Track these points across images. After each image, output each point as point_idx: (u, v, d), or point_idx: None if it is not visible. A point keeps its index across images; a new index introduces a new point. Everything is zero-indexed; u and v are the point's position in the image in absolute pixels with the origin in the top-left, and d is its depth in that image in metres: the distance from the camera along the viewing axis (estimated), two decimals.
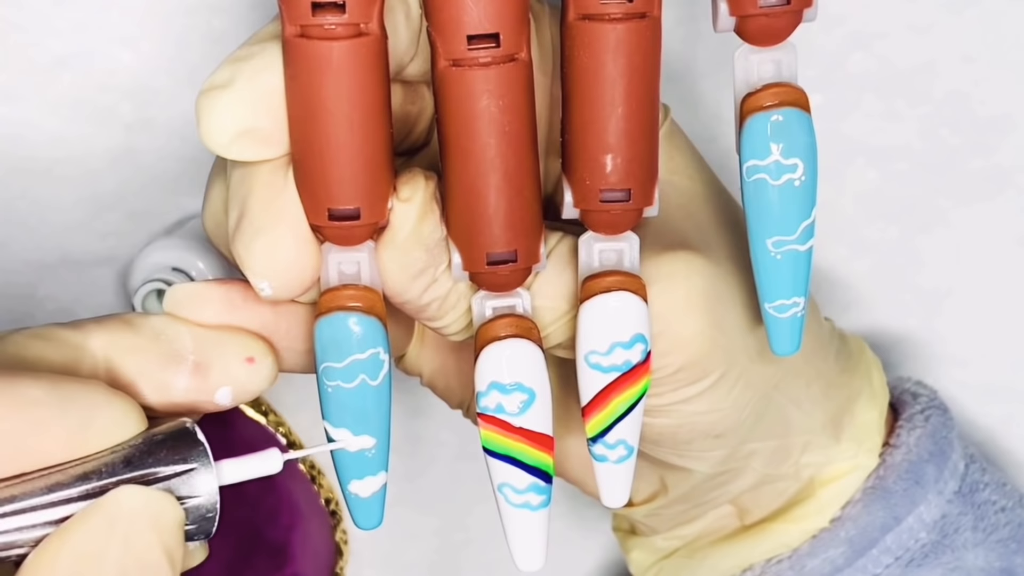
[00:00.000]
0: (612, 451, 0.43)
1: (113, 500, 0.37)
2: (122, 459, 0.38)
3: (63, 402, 0.38)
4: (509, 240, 0.40)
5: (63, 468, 0.37)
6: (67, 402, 0.38)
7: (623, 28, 0.39)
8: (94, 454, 0.38)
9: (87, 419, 0.38)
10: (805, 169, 0.41)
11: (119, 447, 0.38)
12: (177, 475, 0.38)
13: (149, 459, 0.38)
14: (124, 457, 0.38)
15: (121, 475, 0.38)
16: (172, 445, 0.38)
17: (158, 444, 0.38)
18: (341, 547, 0.59)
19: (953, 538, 0.50)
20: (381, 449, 0.42)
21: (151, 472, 0.38)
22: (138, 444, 0.38)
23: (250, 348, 0.41)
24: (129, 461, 0.38)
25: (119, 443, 0.38)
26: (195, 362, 0.41)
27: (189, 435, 0.38)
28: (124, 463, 0.38)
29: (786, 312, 0.43)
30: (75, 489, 0.37)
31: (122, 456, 0.38)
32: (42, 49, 0.50)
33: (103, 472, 0.38)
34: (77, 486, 0.37)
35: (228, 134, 0.39)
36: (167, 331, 0.41)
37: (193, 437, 0.38)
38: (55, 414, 0.37)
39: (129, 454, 0.38)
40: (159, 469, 0.38)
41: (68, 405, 0.38)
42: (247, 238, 0.40)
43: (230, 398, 0.41)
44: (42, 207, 0.53)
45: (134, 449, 0.38)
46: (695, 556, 0.52)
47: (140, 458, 0.38)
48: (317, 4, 0.37)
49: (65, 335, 0.40)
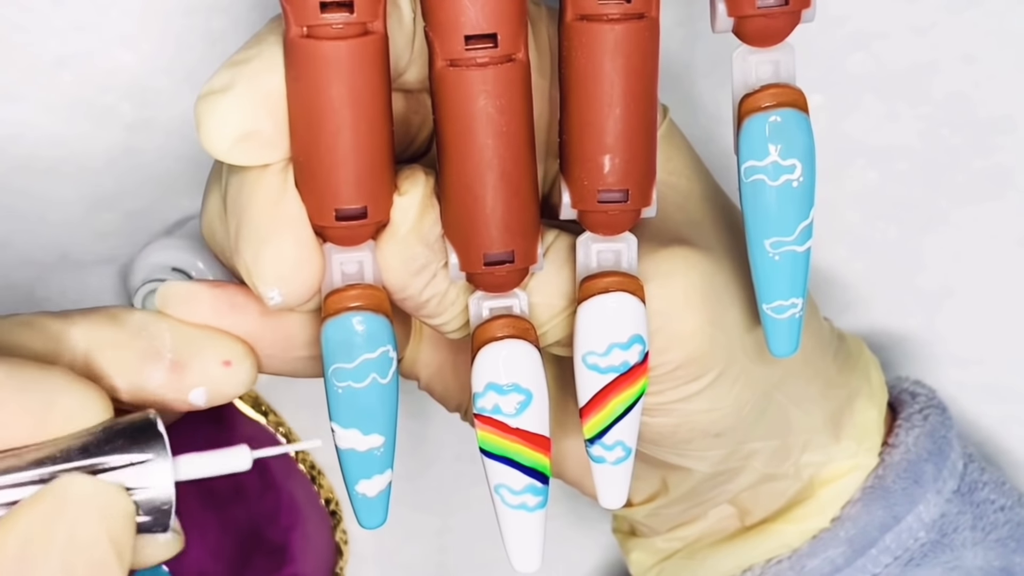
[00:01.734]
0: (610, 452, 0.43)
1: (60, 487, 0.37)
2: (79, 446, 0.38)
3: (24, 385, 0.38)
4: (506, 241, 0.40)
5: (19, 452, 0.38)
6: (28, 385, 0.38)
7: (621, 29, 0.39)
8: (52, 440, 0.38)
9: (47, 403, 0.38)
10: (803, 170, 0.41)
11: (78, 434, 0.38)
12: (131, 465, 0.38)
13: (106, 447, 0.38)
14: (81, 444, 0.38)
15: (76, 462, 0.38)
16: (131, 435, 0.38)
17: (117, 433, 0.38)
18: (341, 547, 0.59)
19: (952, 537, 0.50)
20: (389, 447, 0.42)
21: (105, 461, 0.38)
22: (97, 432, 0.38)
23: (229, 351, 0.41)
24: (86, 449, 0.38)
25: (79, 431, 0.38)
26: (172, 360, 0.41)
27: (150, 426, 0.38)
28: (80, 450, 0.38)
29: (784, 313, 0.43)
30: (29, 473, 0.37)
31: (79, 443, 0.38)
32: (42, 49, 0.50)
33: (58, 458, 0.38)
34: (31, 470, 0.37)
35: (229, 138, 0.39)
36: (149, 327, 0.41)
37: (154, 429, 0.38)
38: (15, 396, 0.38)
39: (87, 442, 0.38)
40: (114, 458, 0.38)
41: (28, 388, 0.38)
42: (253, 247, 0.40)
43: (204, 399, 0.41)
44: (42, 207, 0.53)
45: (92, 437, 0.38)
46: (695, 557, 0.51)
47: (97, 446, 0.38)
48: (325, 3, 0.37)
49: (49, 324, 0.40)
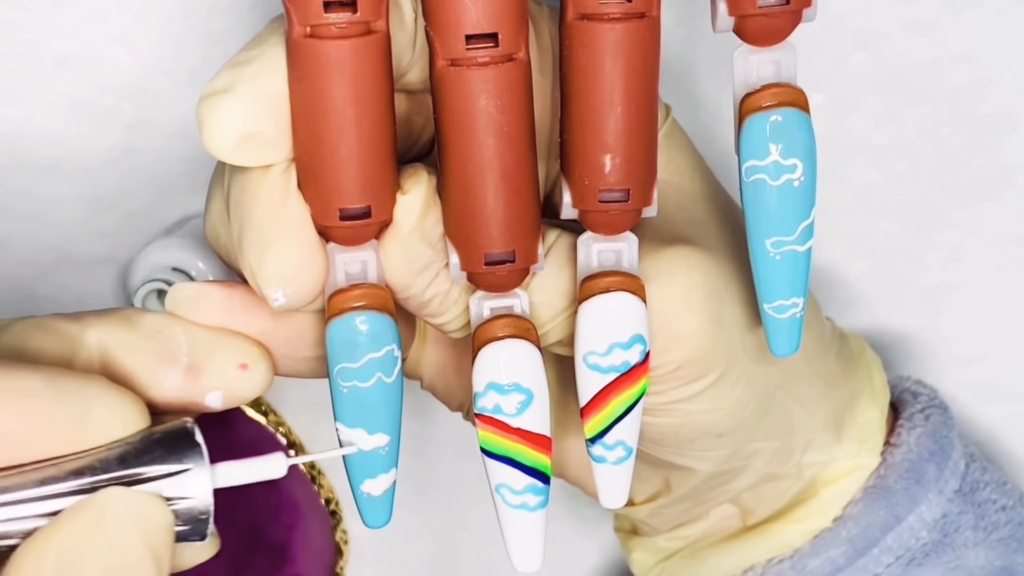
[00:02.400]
0: (611, 452, 0.43)
1: (101, 500, 0.37)
2: (117, 456, 0.38)
3: (60, 395, 0.37)
4: (507, 240, 0.40)
5: (57, 462, 0.37)
6: (64, 395, 0.38)
7: (622, 28, 0.39)
8: (90, 449, 0.38)
9: (84, 412, 0.38)
10: (804, 169, 0.41)
11: (116, 444, 0.38)
12: (171, 475, 0.38)
13: (144, 457, 0.38)
14: (119, 454, 0.38)
15: (114, 472, 0.38)
16: (169, 445, 0.38)
17: (155, 443, 0.38)
18: (341, 547, 0.59)
19: (954, 537, 0.50)
20: (394, 446, 0.42)
21: (145, 471, 0.38)
22: (135, 442, 0.38)
23: (245, 354, 0.41)
24: (124, 459, 0.38)
25: (117, 439, 0.38)
26: (188, 363, 0.40)
27: (187, 435, 0.38)
28: (118, 460, 0.38)
29: (785, 313, 0.43)
30: (68, 484, 0.37)
31: (117, 453, 0.38)
32: (42, 49, 0.50)
33: (96, 468, 0.38)
34: (70, 481, 0.37)
35: (231, 139, 0.39)
36: (164, 330, 0.41)
37: (191, 438, 0.38)
38: (52, 406, 0.37)
39: (124, 452, 0.38)
40: (153, 468, 0.38)
41: (65, 398, 0.38)
42: (257, 249, 0.40)
43: (220, 402, 0.41)
44: (42, 207, 0.53)
45: (130, 447, 0.38)
46: (697, 556, 0.51)
47: (135, 456, 0.38)
48: (328, 3, 0.37)
49: (64, 327, 0.40)
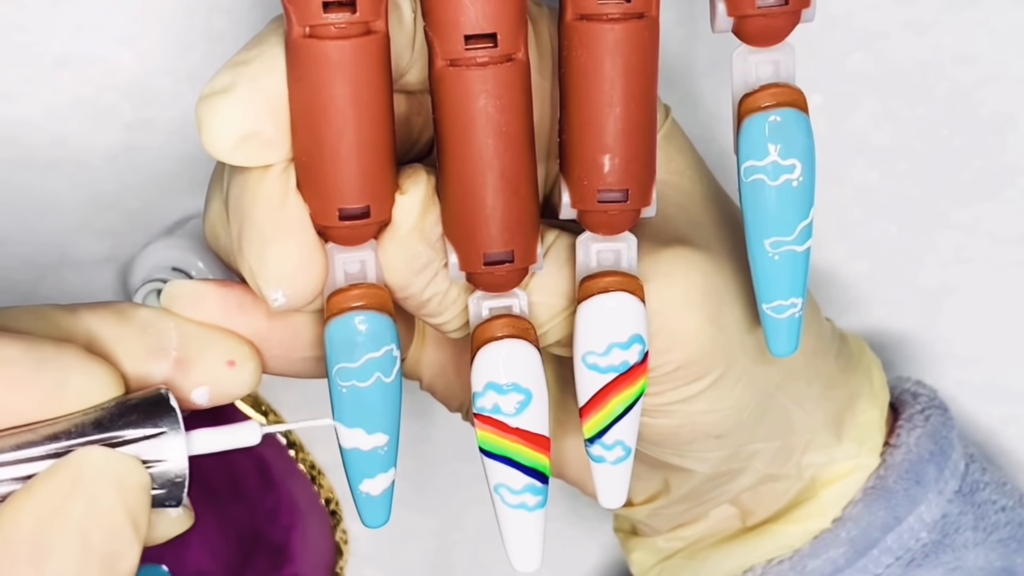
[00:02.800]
0: (610, 452, 0.43)
1: (76, 460, 0.38)
2: (92, 421, 0.38)
3: (38, 362, 0.38)
4: (506, 240, 0.40)
5: (33, 427, 0.38)
6: (42, 362, 0.38)
7: (621, 28, 0.39)
8: (66, 415, 0.38)
9: (61, 380, 0.38)
10: (803, 170, 0.41)
11: (91, 409, 0.38)
12: (146, 438, 0.38)
13: (119, 422, 0.38)
14: (95, 419, 0.38)
15: (90, 436, 0.38)
16: (144, 410, 0.38)
17: (130, 408, 0.38)
18: (341, 547, 0.59)
19: (954, 538, 0.50)
20: (393, 446, 0.42)
21: (120, 435, 0.38)
22: (110, 407, 0.38)
23: (234, 351, 0.41)
24: (99, 423, 0.38)
25: (92, 406, 0.38)
26: (177, 358, 0.41)
27: (162, 401, 0.39)
28: (94, 425, 0.38)
29: (784, 313, 0.43)
30: (43, 448, 0.38)
31: (93, 418, 0.38)
32: (42, 49, 0.50)
33: (72, 432, 0.38)
34: (45, 445, 0.38)
35: (231, 139, 0.39)
36: (155, 324, 0.41)
37: (166, 403, 0.39)
38: (30, 373, 0.38)
39: (100, 416, 0.38)
40: (128, 432, 0.38)
41: (43, 365, 0.38)
42: (257, 249, 0.40)
43: (207, 398, 0.41)
44: (42, 207, 0.53)
45: (106, 412, 0.38)
46: (696, 557, 0.51)
47: (110, 421, 0.38)
48: (327, 3, 0.37)
49: (56, 315, 0.40)
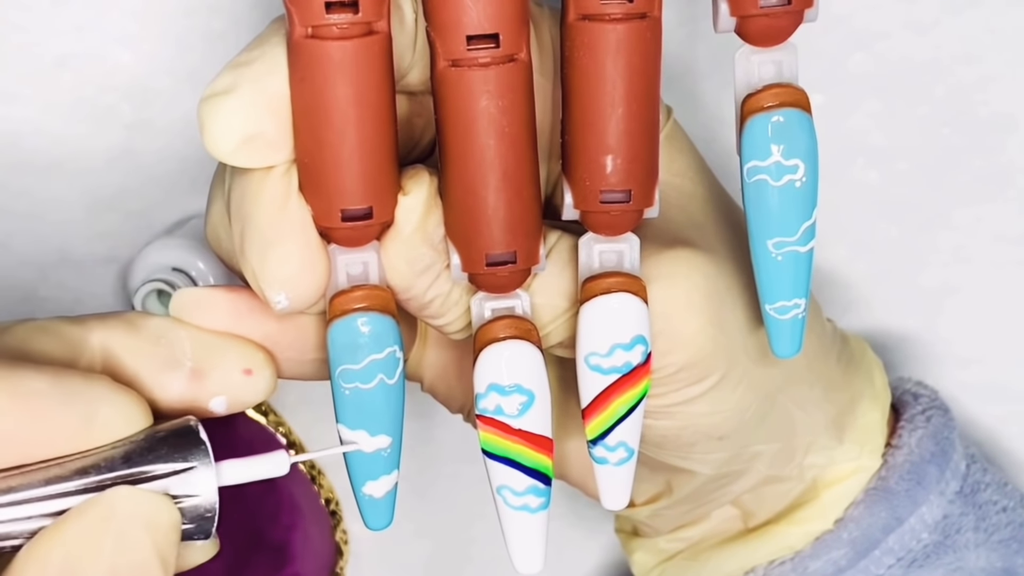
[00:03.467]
0: (612, 453, 0.43)
1: (108, 499, 0.37)
2: (122, 455, 0.38)
3: (66, 395, 0.38)
4: (508, 241, 0.40)
5: (62, 462, 0.38)
6: (70, 395, 0.38)
7: (623, 28, 0.39)
8: (95, 449, 0.38)
9: (90, 413, 0.38)
10: (806, 170, 0.41)
11: (120, 443, 0.38)
12: (176, 473, 0.38)
13: (149, 456, 0.38)
14: (124, 453, 0.38)
15: (120, 471, 0.38)
16: (174, 443, 0.38)
17: (159, 441, 0.38)
18: (341, 547, 0.59)
19: (955, 538, 0.50)
20: (396, 447, 0.42)
21: (150, 469, 0.38)
22: (139, 441, 0.38)
23: (249, 359, 0.41)
24: (129, 458, 0.38)
25: (121, 439, 0.38)
26: (192, 368, 0.40)
27: (192, 433, 0.39)
28: (124, 459, 0.38)
29: (787, 314, 0.43)
30: (73, 483, 0.37)
31: (122, 452, 0.38)
32: (42, 49, 0.50)
33: (102, 467, 0.38)
34: (75, 480, 0.37)
35: (233, 141, 0.39)
36: (168, 334, 0.41)
37: (196, 436, 0.38)
38: (57, 407, 0.37)
39: (129, 450, 0.38)
40: (158, 466, 0.38)
41: (71, 398, 0.38)
42: (260, 252, 0.39)
43: (224, 407, 0.41)
44: (42, 207, 0.53)
45: (135, 446, 0.38)
46: (698, 558, 0.51)
47: (140, 455, 0.38)
48: (330, 3, 0.37)
49: (66, 330, 0.40)
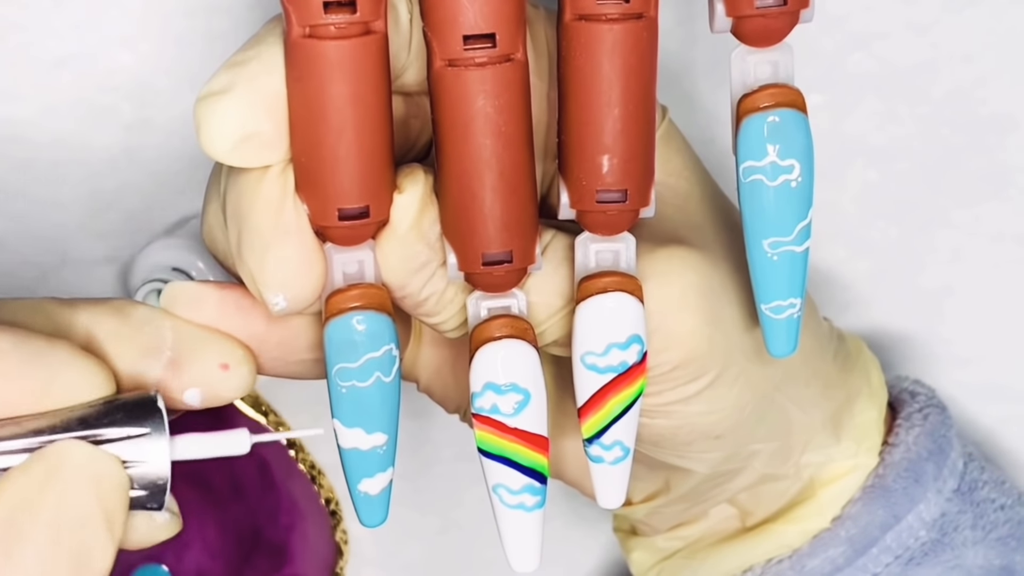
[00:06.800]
0: (608, 452, 0.43)
1: (54, 452, 0.38)
2: (78, 417, 0.38)
3: (29, 356, 0.38)
4: (504, 241, 0.40)
5: (19, 420, 0.38)
6: (33, 356, 0.38)
7: (619, 29, 0.39)
8: (53, 411, 0.38)
9: (51, 375, 0.38)
10: (801, 170, 0.41)
11: (79, 406, 0.38)
12: (129, 438, 0.38)
13: (105, 420, 0.38)
14: (81, 416, 0.38)
15: (74, 432, 0.38)
16: (131, 410, 0.39)
17: (117, 408, 0.39)
18: (341, 547, 0.59)
19: (953, 536, 0.50)
20: (391, 446, 0.42)
21: (103, 433, 0.38)
22: (97, 405, 0.38)
23: (228, 354, 0.41)
24: (85, 420, 0.38)
25: (81, 403, 0.38)
26: (171, 357, 0.41)
27: (151, 403, 0.39)
28: (79, 421, 0.38)
29: (782, 313, 0.43)
30: (26, 441, 0.38)
31: (79, 415, 0.38)
32: (42, 49, 0.50)
33: (57, 427, 0.38)
34: (28, 438, 0.38)
35: (229, 140, 0.39)
36: (152, 322, 0.41)
37: (154, 405, 0.39)
38: (19, 366, 0.38)
39: (86, 413, 0.38)
40: (112, 430, 0.38)
41: (33, 359, 0.38)
42: (257, 254, 0.40)
43: (198, 399, 0.41)
44: (42, 207, 0.53)
45: (93, 410, 0.38)
46: (696, 557, 0.51)
47: (96, 419, 0.38)
48: (327, 3, 0.37)
49: (55, 310, 0.40)
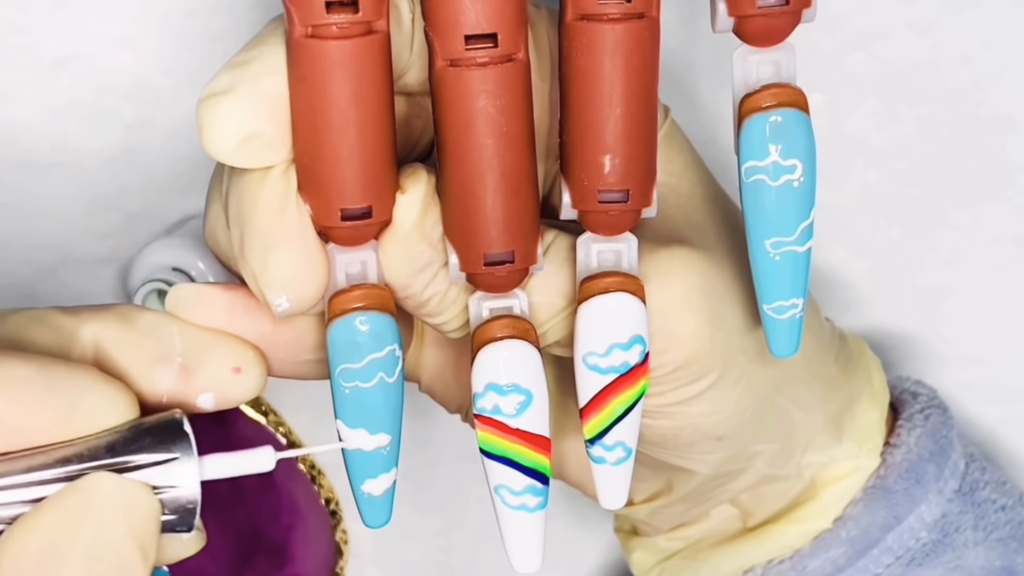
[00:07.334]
0: (610, 453, 0.43)
1: (86, 485, 0.37)
2: (105, 445, 0.38)
3: (52, 383, 0.38)
4: (506, 241, 0.40)
5: (46, 450, 0.38)
6: (56, 383, 0.38)
7: (621, 28, 0.39)
8: (79, 438, 0.38)
9: (74, 401, 0.38)
10: (804, 170, 0.41)
11: (104, 433, 0.38)
12: (158, 463, 0.38)
13: (132, 446, 0.38)
14: (108, 443, 0.38)
15: (102, 460, 0.38)
16: (158, 435, 0.38)
17: (143, 433, 0.38)
18: (341, 547, 0.59)
19: (954, 537, 0.50)
20: (394, 446, 0.42)
21: (132, 460, 0.38)
22: (123, 431, 0.38)
23: (239, 357, 0.41)
24: (112, 447, 0.38)
25: (105, 429, 0.38)
26: (182, 364, 0.40)
27: (176, 426, 0.39)
28: (107, 449, 0.38)
29: (785, 314, 0.43)
30: (55, 471, 0.37)
31: (106, 442, 0.38)
32: (42, 50, 0.50)
33: (84, 456, 0.38)
34: (57, 468, 0.38)
35: (231, 141, 0.39)
36: (160, 328, 0.41)
37: (180, 428, 0.39)
38: (43, 394, 0.38)
39: (113, 440, 0.38)
40: (141, 457, 0.38)
41: (56, 386, 0.38)
42: (259, 255, 0.39)
43: (212, 403, 0.41)
44: (42, 208, 0.53)
45: (119, 436, 0.38)
46: (697, 557, 0.51)
47: (123, 445, 0.38)
48: (330, 3, 0.37)
49: (60, 320, 0.40)
